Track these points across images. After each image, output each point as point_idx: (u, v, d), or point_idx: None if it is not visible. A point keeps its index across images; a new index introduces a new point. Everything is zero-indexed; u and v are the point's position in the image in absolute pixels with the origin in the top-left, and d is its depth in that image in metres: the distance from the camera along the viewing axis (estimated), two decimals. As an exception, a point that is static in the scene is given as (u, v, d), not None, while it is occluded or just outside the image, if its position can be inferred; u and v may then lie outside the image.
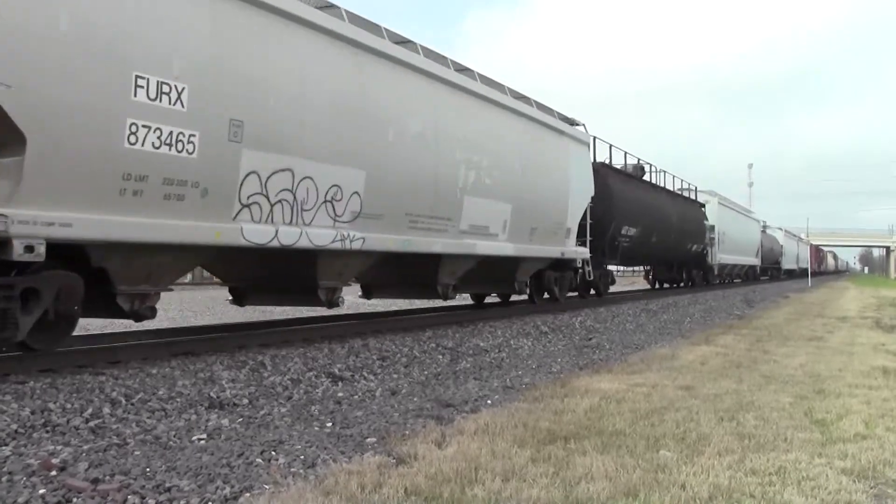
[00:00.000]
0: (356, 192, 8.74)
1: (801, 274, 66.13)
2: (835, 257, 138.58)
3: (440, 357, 8.68)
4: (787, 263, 59.62)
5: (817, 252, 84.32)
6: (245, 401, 5.88)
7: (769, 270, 52.40)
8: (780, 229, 58.56)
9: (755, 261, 42.88)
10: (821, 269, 77.19)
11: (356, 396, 6.31)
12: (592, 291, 18.96)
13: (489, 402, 6.03)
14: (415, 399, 6.13)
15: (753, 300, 22.64)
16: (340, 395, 6.35)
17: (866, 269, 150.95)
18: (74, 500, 3.41)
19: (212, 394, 5.91)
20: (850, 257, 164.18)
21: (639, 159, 22.95)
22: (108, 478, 3.68)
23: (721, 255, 31.99)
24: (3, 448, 4.26)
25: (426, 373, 7.67)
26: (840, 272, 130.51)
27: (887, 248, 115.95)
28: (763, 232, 49.16)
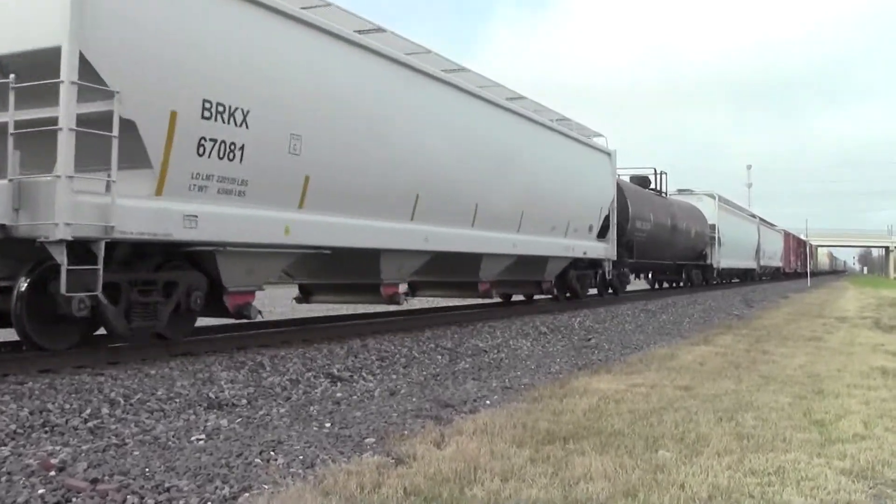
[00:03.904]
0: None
1: (769, 276, 47.31)
2: (831, 256, 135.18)
3: (439, 357, 8.68)
4: (730, 258, 33.78)
5: (798, 245, 64.48)
6: (244, 401, 5.88)
7: (687, 269, 29.00)
8: (713, 197, 32.52)
9: (595, 247, 16.88)
10: (806, 269, 57.48)
11: (355, 397, 6.31)
12: None
13: (488, 402, 6.03)
14: (413, 399, 6.13)
15: (753, 300, 22.67)
16: (339, 395, 6.35)
17: (865, 269, 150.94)
18: (74, 499, 3.41)
19: (211, 394, 5.91)
20: (850, 257, 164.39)
21: None
22: (107, 478, 3.68)
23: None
24: (3, 448, 4.25)
25: (425, 373, 7.67)
26: (837, 272, 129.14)
27: (886, 248, 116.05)
28: (659, 194, 25.60)
